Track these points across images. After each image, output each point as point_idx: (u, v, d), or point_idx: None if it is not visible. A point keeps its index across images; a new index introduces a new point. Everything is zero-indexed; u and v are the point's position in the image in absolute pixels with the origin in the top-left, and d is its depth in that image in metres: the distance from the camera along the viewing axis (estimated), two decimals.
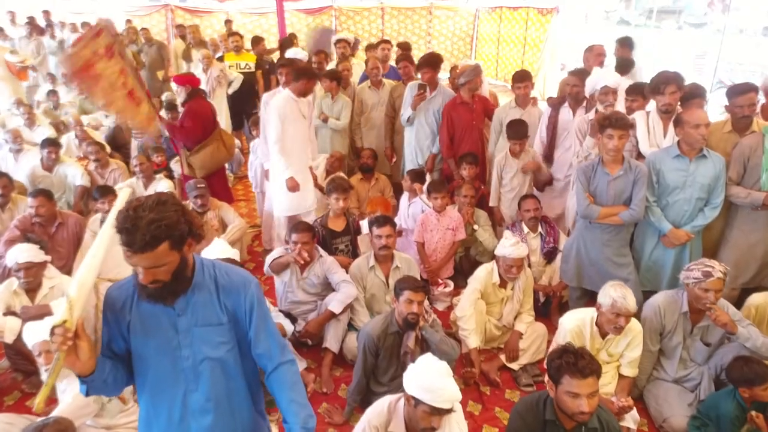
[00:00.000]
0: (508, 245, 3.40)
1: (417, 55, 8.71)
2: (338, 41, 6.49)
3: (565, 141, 4.30)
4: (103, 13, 12.04)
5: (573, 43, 13.24)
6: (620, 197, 3.35)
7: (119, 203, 1.69)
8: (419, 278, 3.77)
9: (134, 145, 6.55)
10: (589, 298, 3.77)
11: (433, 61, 4.81)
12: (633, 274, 3.49)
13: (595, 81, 3.84)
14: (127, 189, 2.29)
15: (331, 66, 6.03)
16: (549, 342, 3.60)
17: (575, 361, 2.14)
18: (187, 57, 7.99)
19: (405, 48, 6.79)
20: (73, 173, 5.29)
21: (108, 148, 6.24)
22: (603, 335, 2.94)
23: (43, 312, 3.13)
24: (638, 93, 3.92)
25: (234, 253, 3.18)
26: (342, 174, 5.12)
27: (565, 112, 4.30)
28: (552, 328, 3.80)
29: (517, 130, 4.25)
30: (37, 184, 5.21)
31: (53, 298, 3.29)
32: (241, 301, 1.71)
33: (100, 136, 6.69)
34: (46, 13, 10.55)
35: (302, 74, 4.13)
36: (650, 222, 3.47)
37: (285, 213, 4.47)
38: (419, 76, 4.99)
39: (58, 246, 4.12)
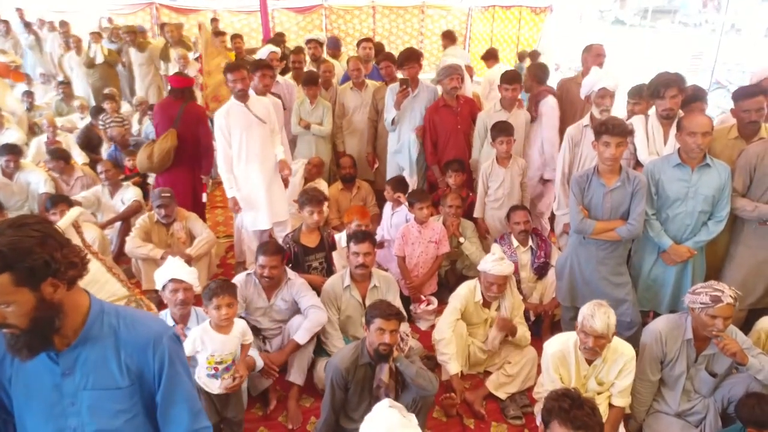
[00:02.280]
0: (491, 260, 3.12)
1: None
2: (309, 41, 6.21)
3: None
4: (84, 10, 11.78)
5: (567, 43, 13.02)
6: (617, 211, 3.06)
7: (63, 223, 1.39)
8: (400, 297, 3.49)
9: (104, 148, 6.23)
10: None
11: (416, 56, 4.52)
12: (631, 294, 3.20)
13: (593, 82, 3.53)
14: (76, 209, 1.99)
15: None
16: (539, 367, 3.31)
17: (569, 409, 1.86)
18: (165, 56, 7.66)
19: (379, 48, 6.48)
20: (36, 180, 4.95)
21: (81, 155, 5.93)
22: (589, 361, 2.66)
23: None
24: (641, 95, 3.62)
25: (190, 273, 2.85)
26: (317, 184, 4.80)
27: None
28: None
29: (503, 127, 3.95)
30: None
31: None
32: (149, 359, 1.40)
33: (73, 139, 6.36)
34: (20, 11, 10.17)
35: (256, 67, 3.83)
36: (649, 237, 3.17)
37: (249, 228, 4.16)
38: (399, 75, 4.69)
39: None
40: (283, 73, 6.01)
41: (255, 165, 3.98)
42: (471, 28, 14.17)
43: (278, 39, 7.66)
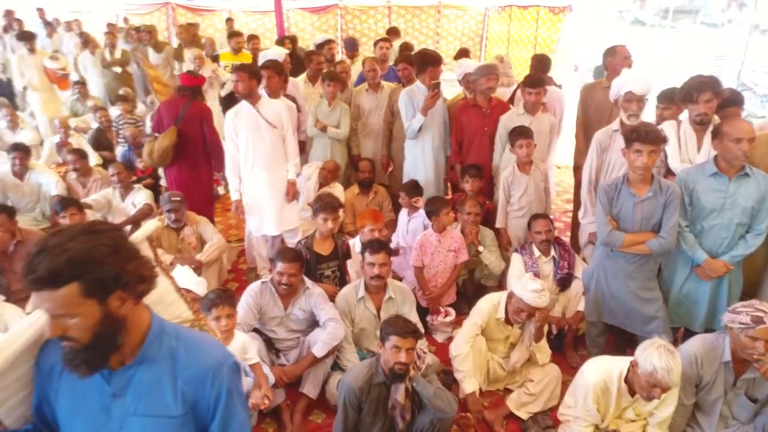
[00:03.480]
0: (530, 289, 2.86)
1: None
2: (325, 42, 6.08)
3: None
4: (101, 10, 11.81)
5: (585, 43, 12.76)
6: (648, 222, 2.88)
7: (139, 236, 1.30)
8: (416, 309, 3.35)
9: (119, 151, 6.17)
10: (611, 334, 3.30)
11: (438, 60, 4.38)
12: (662, 311, 3.02)
13: (620, 84, 3.35)
14: (153, 222, 1.88)
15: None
16: (564, 386, 3.15)
17: None
18: (178, 56, 7.60)
19: (406, 49, 6.34)
20: (48, 181, 4.90)
21: (94, 156, 5.87)
22: (633, 393, 2.47)
23: None
24: (671, 100, 3.43)
25: (198, 283, 2.74)
26: (332, 189, 4.68)
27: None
28: (566, 367, 3.37)
29: (522, 130, 3.78)
30: (6, 192, 4.85)
31: None
32: (207, 389, 1.28)
33: (85, 141, 6.31)
34: (40, 11, 10.21)
35: (261, 68, 3.74)
36: (682, 250, 2.99)
37: (254, 232, 4.11)
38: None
39: (15, 266, 3.71)
40: (294, 74, 5.91)
41: (262, 169, 3.92)
42: (487, 28, 13.99)
43: (283, 40, 7.47)
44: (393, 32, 8.11)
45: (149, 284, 1.23)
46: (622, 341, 3.40)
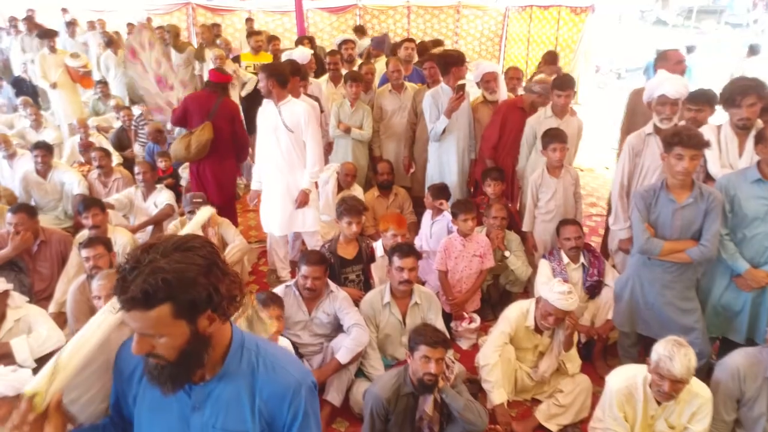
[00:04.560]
0: (557, 291, 2.78)
1: None
2: (344, 42, 6.02)
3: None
4: (123, 10, 11.90)
5: (606, 44, 12.54)
6: (688, 230, 2.76)
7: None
8: (441, 314, 3.26)
9: (138, 150, 6.17)
10: (644, 345, 3.18)
11: (463, 59, 4.29)
12: (700, 323, 2.90)
13: (654, 87, 3.22)
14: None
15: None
16: (594, 397, 3.04)
17: None
18: (200, 56, 7.61)
19: (436, 45, 6.25)
20: (71, 180, 4.91)
21: (115, 156, 5.88)
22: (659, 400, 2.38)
23: (2, 351, 2.71)
24: (704, 101, 3.30)
25: None
26: (352, 191, 4.61)
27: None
28: (595, 377, 3.26)
29: (556, 134, 3.66)
30: (29, 190, 4.87)
31: (19, 333, 2.86)
32: (284, 409, 1.25)
33: (105, 141, 6.33)
34: (64, 11, 10.30)
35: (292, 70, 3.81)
36: (721, 259, 2.87)
37: (264, 227, 4.20)
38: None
39: (39, 266, 3.72)
40: (317, 75, 5.86)
41: (274, 170, 3.94)
42: (507, 28, 13.83)
43: (301, 41, 7.41)
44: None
45: (239, 303, 1.20)
46: None
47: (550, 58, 6.45)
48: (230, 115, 4.49)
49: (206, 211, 1.43)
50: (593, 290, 3.52)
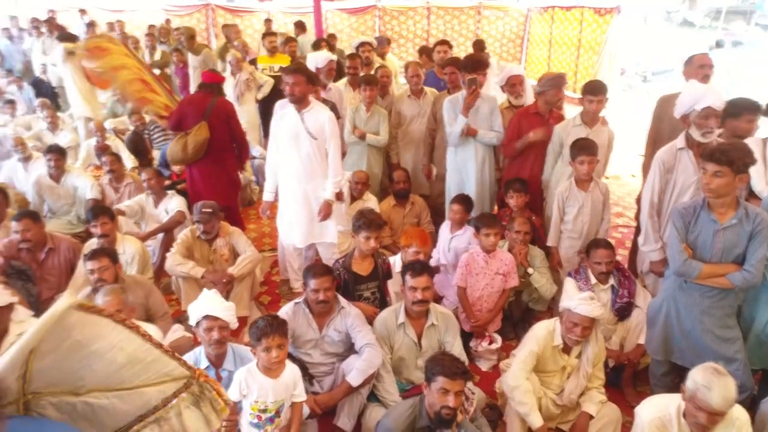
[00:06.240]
0: (578, 298, 2.64)
1: None
2: (362, 44, 5.90)
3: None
4: (142, 11, 11.93)
5: (632, 45, 12.18)
6: (730, 253, 2.55)
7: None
8: (459, 335, 3.08)
9: (156, 155, 6.10)
10: (678, 374, 2.97)
11: (485, 64, 4.11)
12: (741, 353, 2.67)
13: (694, 99, 2.98)
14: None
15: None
16: (624, 428, 2.84)
17: None
18: (223, 56, 7.57)
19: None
20: (83, 185, 4.84)
21: (130, 159, 5.82)
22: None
23: None
24: (753, 111, 3.06)
25: (227, 309, 2.53)
26: (366, 201, 4.45)
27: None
28: (624, 406, 3.05)
29: (585, 145, 3.45)
30: (42, 194, 4.82)
31: None
32: None
33: (122, 144, 6.27)
34: (83, 11, 10.35)
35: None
36: (767, 285, 2.65)
37: (282, 238, 4.05)
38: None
39: (47, 274, 3.64)
40: (337, 79, 5.71)
41: (295, 180, 3.80)
42: (529, 30, 13.57)
43: (319, 43, 7.26)
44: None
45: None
46: None
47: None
48: (226, 115, 4.46)
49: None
50: (623, 312, 3.30)
